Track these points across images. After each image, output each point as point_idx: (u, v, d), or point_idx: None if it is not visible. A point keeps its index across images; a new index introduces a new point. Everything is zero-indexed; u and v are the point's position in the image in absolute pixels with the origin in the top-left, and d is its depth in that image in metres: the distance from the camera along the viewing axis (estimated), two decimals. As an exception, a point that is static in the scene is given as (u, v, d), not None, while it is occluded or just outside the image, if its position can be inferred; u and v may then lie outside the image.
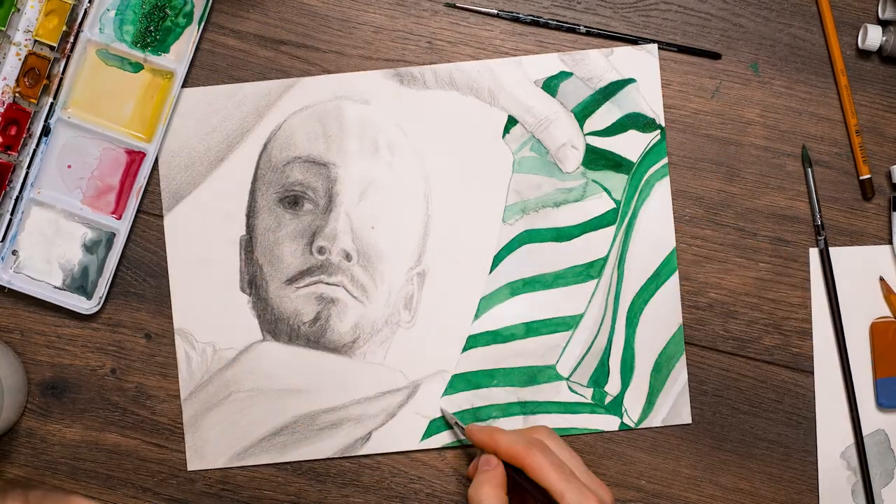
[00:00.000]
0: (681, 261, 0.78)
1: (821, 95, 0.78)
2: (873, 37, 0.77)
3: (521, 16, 0.77)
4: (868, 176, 0.78)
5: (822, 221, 0.78)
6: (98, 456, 0.78)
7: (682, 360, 0.78)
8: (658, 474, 0.78)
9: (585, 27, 0.77)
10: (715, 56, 0.77)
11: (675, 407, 0.78)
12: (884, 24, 0.78)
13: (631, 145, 0.78)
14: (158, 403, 0.78)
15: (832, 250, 0.78)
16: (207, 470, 0.77)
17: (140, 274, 0.78)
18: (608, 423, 0.78)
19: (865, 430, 0.78)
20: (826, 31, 0.78)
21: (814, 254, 0.78)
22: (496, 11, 0.77)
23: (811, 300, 0.78)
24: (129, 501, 0.78)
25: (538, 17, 0.77)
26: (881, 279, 0.78)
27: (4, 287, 0.76)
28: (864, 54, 0.78)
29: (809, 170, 0.78)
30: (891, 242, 0.78)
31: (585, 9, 0.78)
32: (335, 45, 0.78)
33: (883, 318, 0.78)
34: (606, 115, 0.78)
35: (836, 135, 0.78)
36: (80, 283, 0.77)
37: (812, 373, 0.78)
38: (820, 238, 0.78)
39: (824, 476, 0.78)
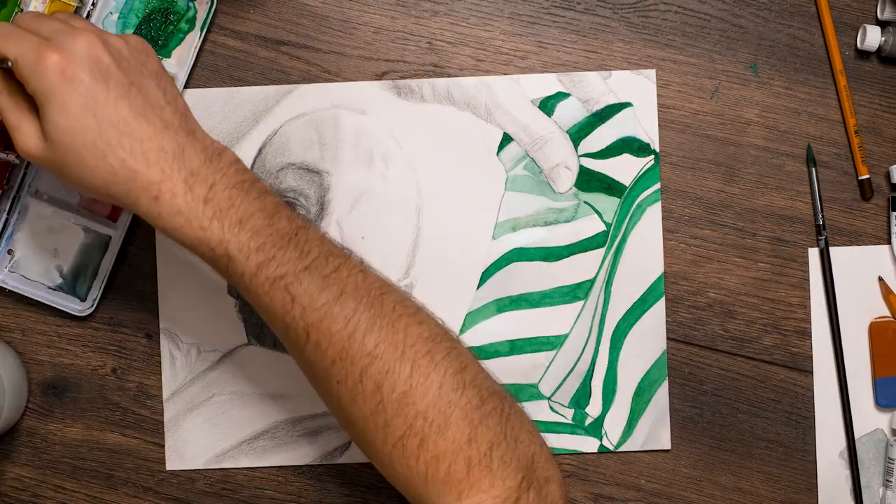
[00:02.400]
0: (680, 260, 0.78)
1: (820, 96, 0.78)
2: (872, 37, 0.77)
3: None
4: (867, 176, 0.78)
5: (823, 221, 0.78)
6: (99, 455, 0.78)
7: (665, 386, 0.78)
8: (658, 474, 0.78)
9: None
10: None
11: (654, 431, 0.78)
12: (882, 24, 0.78)
13: (624, 169, 0.78)
14: (159, 403, 0.78)
15: (831, 250, 0.78)
16: (209, 469, 0.78)
17: (141, 274, 0.78)
18: (587, 444, 0.78)
19: (865, 430, 0.78)
20: (825, 31, 0.78)
21: (813, 254, 0.78)
22: None
23: (810, 300, 0.78)
24: (130, 500, 0.78)
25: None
26: (880, 279, 0.78)
27: (4, 287, 0.77)
28: (863, 55, 0.78)
29: (813, 169, 0.78)
30: (889, 242, 0.78)
31: (585, 9, 0.78)
32: (335, 46, 0.78)
33: (882, 317, 0.78)
34: (601, 137, 0.78)
35: (834, 135, 0.79)
36: (75, 285, 0.77)
37: (811, 372, 0.78)
38: (821, 238, 0.78)
39: (823, 475, 0.78)
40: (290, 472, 0.78)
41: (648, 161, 0.78)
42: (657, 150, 0.78)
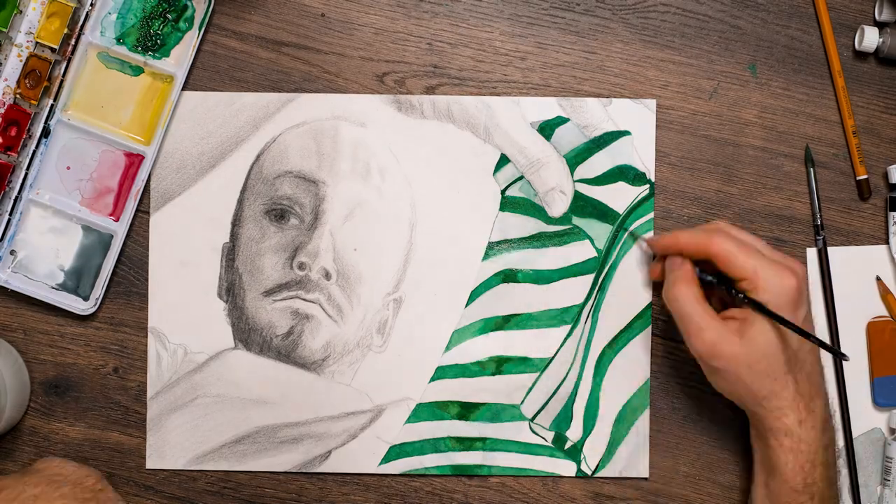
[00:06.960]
0: (679, 261, 0.78)
1: (818, 97, 0.79)
2: (870, 38, 0.77)
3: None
4: (865, 176, 0.78)
5: (821, 221, 0.78)
6: (101, 454, 0.78)
7: (646, 415, 0.78)
8: (657, 472, 0.79)
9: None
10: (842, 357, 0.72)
11: (633, 459, 0.78)
12: (880, 25, 0.78)
13: (619, 196, 0.78)
14: (160, 403, 0.78)
15: (829, 250, 0.78)
16: (212, 470, 0.78)
17: (143, 273, 0.78)
18: (566, 468, 0.78)
19: (863, 429, 0.79)
20: (823, 32, 0.78)
21: (811, 253, 0.79)
22: None
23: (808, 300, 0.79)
24: (132, 499, 0.78)
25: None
26: (878, 279, 0.79)
27: (6, 288, 0.77)
28: (861, 56, 0.79)
29: (812, 170, 0.78)
30: (887, 242, 0.79)
31: (584, 10, 0.78)
32: (336, 47, 0.78)
33: (879, 317, 0.79)
34: (598, 164, 0.78)
35: (833, 136, 0.79)
36: (78, 284, 0.77)
37: (809, 372, 0.79)
38: (819, 238, 0.78)
39: (821, 474, 0.78)
40: (291, 471, 0.78)
41: (643, 190, 0.78)
42: (653, 179, 0.78)
